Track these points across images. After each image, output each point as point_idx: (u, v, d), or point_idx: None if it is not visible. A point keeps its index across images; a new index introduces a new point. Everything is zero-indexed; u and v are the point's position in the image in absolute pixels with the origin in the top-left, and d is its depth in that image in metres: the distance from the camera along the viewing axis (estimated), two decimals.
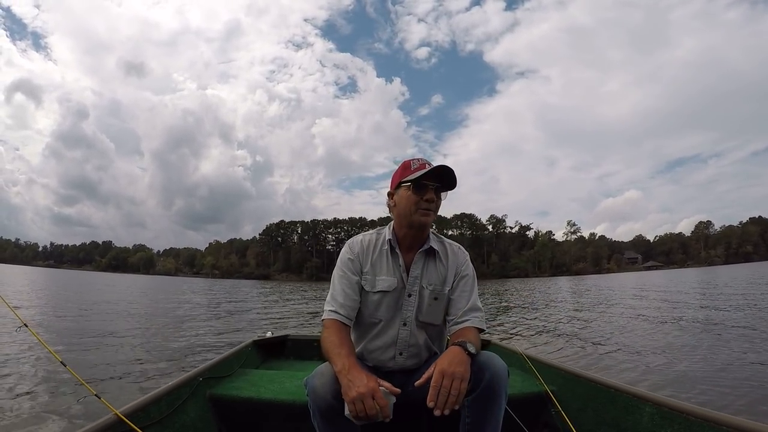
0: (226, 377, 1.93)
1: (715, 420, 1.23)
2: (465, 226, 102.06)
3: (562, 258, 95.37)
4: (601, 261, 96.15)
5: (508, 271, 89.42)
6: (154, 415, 1.42)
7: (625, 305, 11.89)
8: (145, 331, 7.35)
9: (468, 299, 1.46)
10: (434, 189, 1.40)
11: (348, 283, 1.44)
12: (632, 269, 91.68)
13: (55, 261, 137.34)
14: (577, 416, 1.67)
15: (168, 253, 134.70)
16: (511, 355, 2.38)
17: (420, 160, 1.44)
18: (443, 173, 1.39)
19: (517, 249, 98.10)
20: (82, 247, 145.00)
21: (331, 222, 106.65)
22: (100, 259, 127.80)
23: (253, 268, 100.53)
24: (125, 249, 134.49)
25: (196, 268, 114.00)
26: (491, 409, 1.21)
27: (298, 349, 2.96)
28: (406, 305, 1.45)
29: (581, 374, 1.84)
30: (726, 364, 4.39)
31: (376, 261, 1.47)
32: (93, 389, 1.56)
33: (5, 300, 1.90)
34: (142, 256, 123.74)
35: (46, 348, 1.67)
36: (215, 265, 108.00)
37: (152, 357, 5.18)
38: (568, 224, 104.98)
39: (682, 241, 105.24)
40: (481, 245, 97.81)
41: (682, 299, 12.68)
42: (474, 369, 1.20)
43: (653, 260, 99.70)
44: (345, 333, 1.38)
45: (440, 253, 1.48)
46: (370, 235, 1.53)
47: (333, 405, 1.16)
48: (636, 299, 13.79)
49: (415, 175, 1.39)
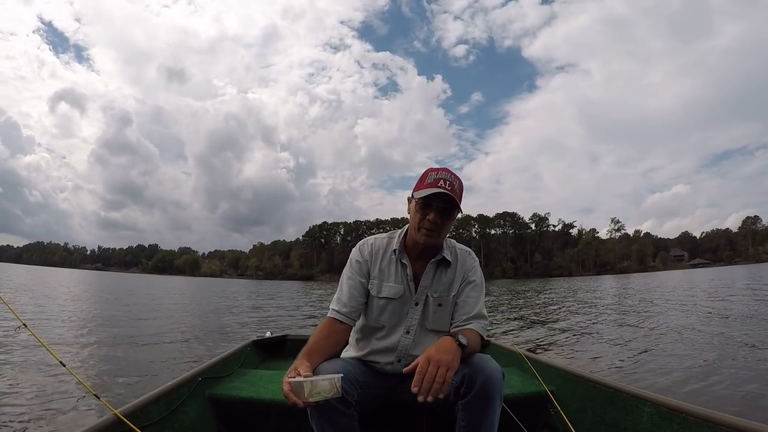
0: (225, 377, 1.95)
1: (714, 420, 1.24)
2: (507, 225, 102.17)
3: (606, 256, 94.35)
4: (646, 259, 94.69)
5: (551, 270, 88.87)
6: (153, 415, 1.42)
7: (676, 306, 10.73)
8: (173, 331, 7.44)
9: (474, 306, 1.44)
10: (440, 210, 1.36)
11: (354, 284, 1.45)
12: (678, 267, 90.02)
13: (103, 264, 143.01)
14: (577, 416, 1.69)
15: (213, 256, 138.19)
16: (510, 355, 2.39)
17: (439, 174, 1.38)
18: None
19: (560, 247, 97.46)
20: (129, 251, 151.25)
21: (373, 222, 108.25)
22: (146, 262, 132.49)
23: (297, 269, 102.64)
24: (171, 252, 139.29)
25: (240, 269, 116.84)
26: (485, 413, 1.20)
27: (298, 348, 3.41)
28: (411, 313, 1.45)
29: (580, 374, 1.85)
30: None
31: (384, 267, 1.47)
32: (92, 389, 1.56)
33: (5, 300, 1.86)
34: (187, 258, 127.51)
35: (45, 348, 1.65)
36: (259, 266, 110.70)
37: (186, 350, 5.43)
38: (612, 222, 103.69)
39: (729, 237, 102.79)
40: (524, 244, 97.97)
41: (737, 300, 11.71)
42: (467, 372, 1.20)
43: (699, 257, 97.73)
44: (333, 331, 1.39)
45: (451, 260, 1.47)
46: (381, 239, 1.52)
47: (330, 403, 1.15)
48: (689, 299, 12.63)
49: (423, 192, 1.35)
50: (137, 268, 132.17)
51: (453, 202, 1.35)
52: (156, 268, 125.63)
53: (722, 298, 12.69)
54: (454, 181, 1.38)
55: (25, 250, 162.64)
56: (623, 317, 9.17)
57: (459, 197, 1.38)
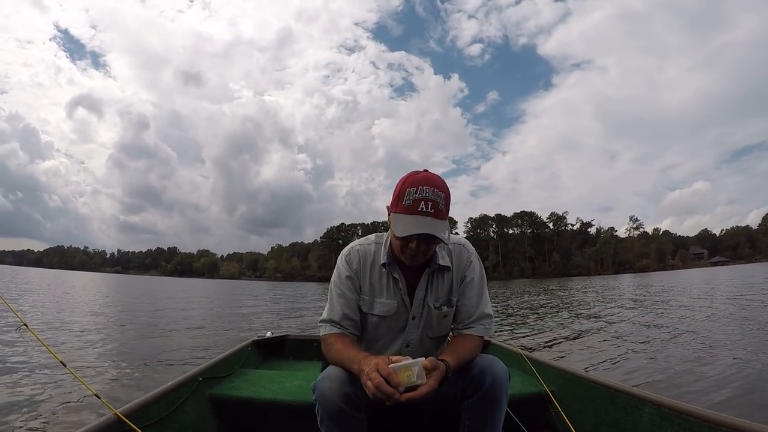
0: (225, 377, 1.94)
1: (714, 420, 1.23)
2: (525, 225, 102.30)
3: (625, 255, 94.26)
4: (665, 257, 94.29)
5: (569, 270, 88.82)
6: (153, 414, 1.42)
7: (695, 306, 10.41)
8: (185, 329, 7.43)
9: (476, 306, 1.37)
10: (424, 239, 1.20)
11: (346, 302, 1.35)
12: (698, 265, 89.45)
13: (123, 267, 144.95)
14: (577, 417, 1.69)
15: (231, 258, 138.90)
16: (510, 355, 2.38)
17: (419, 192, 1.17)
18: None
19: (578, 247, 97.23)
20: (148, 254, 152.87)
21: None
22: (165, 265, 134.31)
23: (315, 271, 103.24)
24: (190, 254, 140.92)
25: (258, 271, 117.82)
26: (491, 413, 1.21)
27: (298, 349, 2.94)
28: (410, 327, 1.38)
29: (581, 375, 1.85)
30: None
31: (375, 281, 1.36)
32: (93, 389, 1.57)
33: (5, 300, 1.88)
34: (206, 261, 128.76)
35: (46, 348, 1.65)
36: (277, 268, 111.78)
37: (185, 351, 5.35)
38: (630, 220, 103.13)
39: (749, 234, 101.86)
40: (542, 243, 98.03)
41: (757, 299, 11.29)
42: (475, 372, 1.21)
43: (719, 255, 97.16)
44: (351, 340, 1.33)
45: (448, 263, 1.36)
46: (368, 245, 1.38)
47: (342, 408, 1.13)
48: (707, 299, 12.21)
49: (401, 225, 1.18)
50: (156, 271, 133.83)
51: (439, 227, 1.19)
52: (175, 271, 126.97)
53: (742, 295, 12.55)
54: (438, 197, 1.19)
55: (46, 254, 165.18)
56: (639, 317, 8.85)
57: (446, 212, 1.23)
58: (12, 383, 3.60)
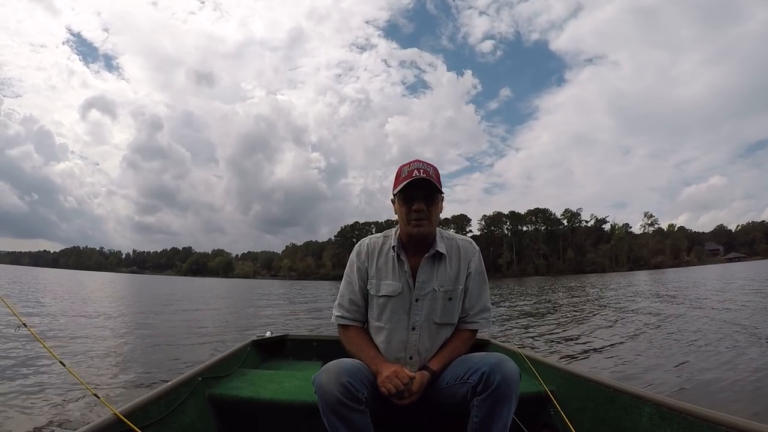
0: (225, 377, 1.95)
1: (714, 420, 1.24)
2: (539, 221, 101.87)
3: (640, 251, 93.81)
4: (680, 253, 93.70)
5: (584, 266, 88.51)
6: (153, 415, 1.43)
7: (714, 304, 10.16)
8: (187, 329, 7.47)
9: (478, 299, 1.54)
10: (423, 198, 1.41)
11: (353, 289, 1.53)
12: (713, 261, 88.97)
13: (138, 267, 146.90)
14: (577, 416, 1.69)
15: (246, 257, 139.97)
16: (510, 355, 2.40)
17: (411, 165, 1.43)
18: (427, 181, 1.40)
19: (593, 243, 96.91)
20: (164, 253, 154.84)
21: None
22: (180, 264, 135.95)
23: (329, 270, 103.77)
24: (204, 254, 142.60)
25: (273, 270, 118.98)
26: (500, 412, 1.24)
27: (298, 348, 2.95)
28: (414, 310, 1.47)
29: (580, 374, 1.86)
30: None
31: (382, 264, 1.51)
32: (92, 389, 1.58)
33: (5, 300, 1.92)
34: (221, 260, 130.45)
35: (45, 348, 1.67)
36: (292, 267, 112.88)
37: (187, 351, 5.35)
38: (645, 216, 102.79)
39: (765, 230, 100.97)
40: (557, 240, 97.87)
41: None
42: (486, 370, 1.25)
43: (735, 251, 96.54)
44: (363, 332, 1.54)
45: (447, 252, 1.50)
46: (376, 239, 1.57)
47: (340, 399, 1.19)
48: (721, 296, 12.09)
49: (400, 186, 1.41)
50: (171, 271, 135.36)
51: (433, 186, 1.40)
52: (190, 270, 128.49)
53: (758, 291, 12.55)
54: (428, 167, 1.44)
55: (62, 254, 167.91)
56: (654, 315, 8.65)
57: (437, 182, 1.43)
58: (11, 383, 3.60)
